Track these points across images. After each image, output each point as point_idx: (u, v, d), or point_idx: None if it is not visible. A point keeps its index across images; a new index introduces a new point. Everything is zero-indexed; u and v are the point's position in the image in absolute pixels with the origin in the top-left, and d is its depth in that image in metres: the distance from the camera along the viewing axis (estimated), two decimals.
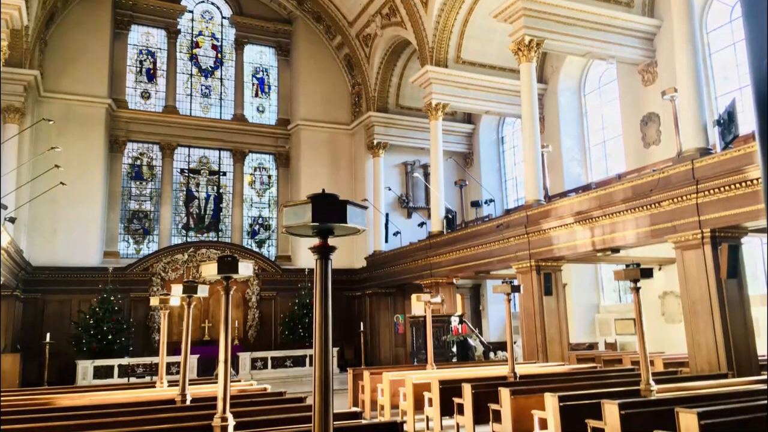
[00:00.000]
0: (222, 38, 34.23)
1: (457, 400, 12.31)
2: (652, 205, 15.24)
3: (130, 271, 27.63)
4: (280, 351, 27.23)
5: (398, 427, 7.25)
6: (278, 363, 26.43)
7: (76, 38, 28.62)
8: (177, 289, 10.00)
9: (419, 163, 32.89)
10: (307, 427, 7.00)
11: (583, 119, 27.33)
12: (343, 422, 7.56)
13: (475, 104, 27.84)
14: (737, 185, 13.17)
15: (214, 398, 8.30)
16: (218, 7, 34.27)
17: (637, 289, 9.55)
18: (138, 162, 31.12)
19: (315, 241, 4.01)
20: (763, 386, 10.22)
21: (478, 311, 30.33)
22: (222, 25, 34.27)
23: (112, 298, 25.03)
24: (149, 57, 32.26)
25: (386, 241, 30.09)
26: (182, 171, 32.05)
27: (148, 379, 21.38)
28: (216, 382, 10.37)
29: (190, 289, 9.55)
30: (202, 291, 9.62)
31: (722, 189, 13.49)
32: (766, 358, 14.39)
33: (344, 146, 33.79)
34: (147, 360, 23.92)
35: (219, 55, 34.03)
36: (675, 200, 14.59)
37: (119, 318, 25.03)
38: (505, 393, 10.81)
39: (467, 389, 11.82)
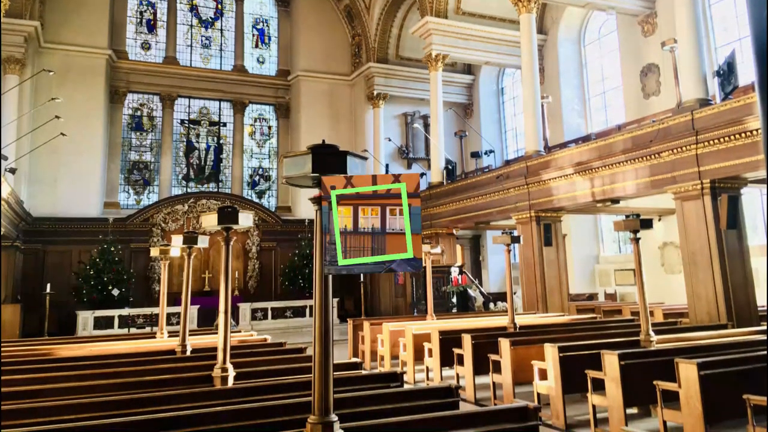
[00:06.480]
0: None
1: (457, 350, 12.36)
2: (652, 156, 15.23)
3: (130, 222, 27.64)
4: (280, 301, 27.34)
5: (398, 378, 7.27)
6: (278, 313, 26.56)
7: None
8: (177, 240, 9.99)
9: (419, 113, 32.76)
10: (307, 378, 7.03)
11: (582, 70, 27.20)
12: (343, 372, 7.60)
13: (475, 55, 27.68)
14: (737, 136, 13.15)
15: (215, 349, 8.33)
16: None
17: (636, 240, 9.56)
18: (138, 113, 30.99)
19: (315, 191, 4.00)
20: (762, 337, 10.28)
21: (477, 262, 30.39)
22: None
23: (112, 249, 25.11)
24: (149, 8, 31.99)
25: None
26: (182, 122, 31.93)
27: (148, 329, 21.49)
28: (216, 333, 10.40)
29: (190, 239, 9.56)
30: (203, 242, 9.62)
31: (722, 140, 13.47)
32: (765, 308, 14.45)
33: (344, 97, 33.62)
34: (147, 311, 24.02)
35: (219, 6, 33.69)
36: (675, 151, 14.57)
37: (119, 269, 25.09)
38: (505, 343, 10.86)
39: (467, 340, 11.87)
